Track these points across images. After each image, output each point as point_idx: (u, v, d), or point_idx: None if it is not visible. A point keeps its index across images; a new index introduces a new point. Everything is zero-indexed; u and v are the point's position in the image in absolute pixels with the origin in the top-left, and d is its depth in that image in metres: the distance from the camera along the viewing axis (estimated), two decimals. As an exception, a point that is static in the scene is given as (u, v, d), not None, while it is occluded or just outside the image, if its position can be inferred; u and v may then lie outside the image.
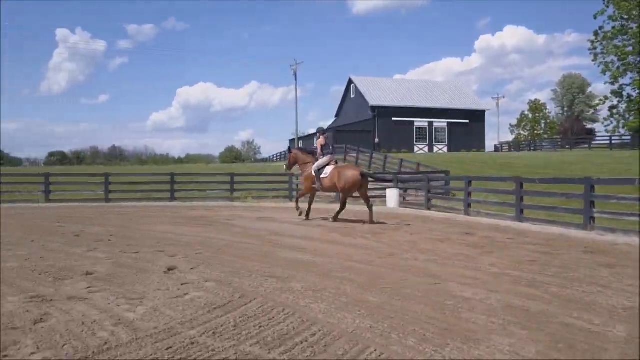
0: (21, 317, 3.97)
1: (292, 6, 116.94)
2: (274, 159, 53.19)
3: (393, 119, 43.35)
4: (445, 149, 44.63)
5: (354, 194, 11.61)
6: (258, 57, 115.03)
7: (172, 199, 17.53)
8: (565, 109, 71.14)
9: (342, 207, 11.31)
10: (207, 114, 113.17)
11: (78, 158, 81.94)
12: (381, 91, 45.77)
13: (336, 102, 48.52)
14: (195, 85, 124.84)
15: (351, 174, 10.86)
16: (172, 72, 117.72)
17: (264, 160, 61.76)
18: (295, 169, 13.09)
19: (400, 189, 16.63)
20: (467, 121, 45.71)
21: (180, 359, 3.12)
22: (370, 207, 10.95)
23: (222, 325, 3.78)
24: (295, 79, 46.01)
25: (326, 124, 49.87)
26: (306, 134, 52.54)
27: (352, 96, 47.96)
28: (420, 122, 44.55)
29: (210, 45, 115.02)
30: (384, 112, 43.31)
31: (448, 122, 45.24)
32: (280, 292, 4.81)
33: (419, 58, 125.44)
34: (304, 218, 11.49)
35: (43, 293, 4.76)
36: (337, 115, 52.45)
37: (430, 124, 44.89)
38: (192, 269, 5.95)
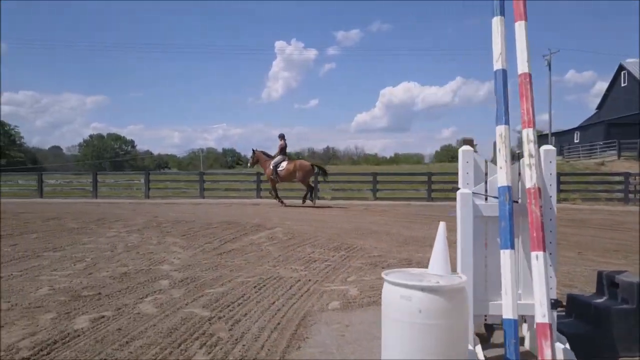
0: None
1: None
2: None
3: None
4: None
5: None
6: (464, 52, 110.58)
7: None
8: None
9: (310, 189, 14.96)
10: (410, 113, 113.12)
11: (299, 158, 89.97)
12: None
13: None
14: (398, 85, 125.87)
15: (305, 164, 14.96)
16: (376, 73, 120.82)
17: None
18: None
19: None
20: None
21: None
22: (311, 191, 14.97)
23: None
24: (549, 70, 42.08)
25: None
26: (562, 129, 47.66)
27: (624, 84, 41.96)
28: None
29: (414, 44, 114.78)
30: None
31: None
32: None
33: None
34: (281, 205, 15.00)
35: None
36: (599, 108, 46.61)
37: None
38: None
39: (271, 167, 14.92)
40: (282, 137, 15.48)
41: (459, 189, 3.24)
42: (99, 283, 5.18)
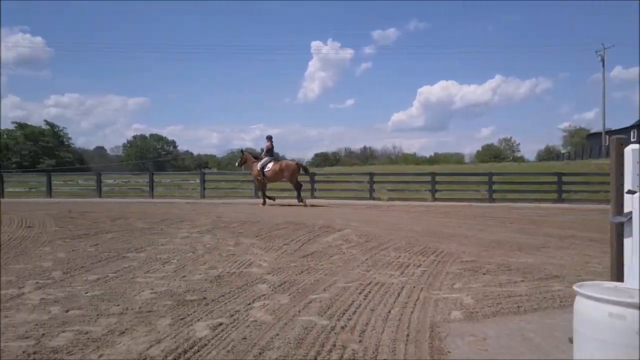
0: None
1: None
2: (533, 158, 47.82)
3: None
4: None
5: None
6: (503, 49, 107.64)
7: (560, 200, 16.20)
8: None
9: (298, 188, 15.44)
10: (447, 112, 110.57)
11: (335, 158, 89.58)
12: None
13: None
14: (436, 83, 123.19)
15: (291, 164, 15.46)
16: (413, 72, 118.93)
17: (522, 159, 56.77)
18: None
19: None
20: None
21: None
22: (299, 190, 15.43)
23: None
24: (603, 66, 40.47)
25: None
26: (611, 128, 45.82)
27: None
28: None
29: (452, 42, 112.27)
30: None
31: None
32: None
33: None
34: (261, 205, 15.28)
35: None
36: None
37: None
38: None
39: (258, 168, 15.41)
40: (269, 138, 16.07)
41: (633, 192, 2.91)
42: (198, 287, 5.07)
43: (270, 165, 15.38)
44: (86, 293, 4.82)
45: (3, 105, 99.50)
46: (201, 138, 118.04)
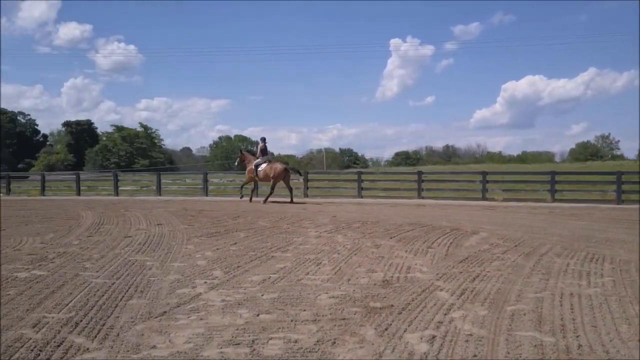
0: None
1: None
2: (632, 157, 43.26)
3: None
4: None
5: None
6: (598, 40, 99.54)
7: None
8: None
9: (271, 192, 16.11)
10: (534, 108, 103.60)
11: (416, 157, 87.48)
12: None
13: None
14: (522, 79, 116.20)
15: (279, 167, 15.95)
16: (497, 67, 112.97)
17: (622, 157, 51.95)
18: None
19: None
20: None
21: None
22: (291, 191, 16.40)
23: None
24: None
25: None
26: None
27: None
28: None
29: (540, 34, 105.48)
30: None
31: None
32: None
33: None
34: (249, 201, 16.50)
35: None
36: None
37: None
38: None
39: (252, 166, 16.26)
40: (262, 140, 16.74)
41: None
42: (373, 292, 4.81)
43: (263, 166, 16.15)
44: (262, 295, 4.68)
45: (100, 109, 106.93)
46: (281, 139, 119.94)
